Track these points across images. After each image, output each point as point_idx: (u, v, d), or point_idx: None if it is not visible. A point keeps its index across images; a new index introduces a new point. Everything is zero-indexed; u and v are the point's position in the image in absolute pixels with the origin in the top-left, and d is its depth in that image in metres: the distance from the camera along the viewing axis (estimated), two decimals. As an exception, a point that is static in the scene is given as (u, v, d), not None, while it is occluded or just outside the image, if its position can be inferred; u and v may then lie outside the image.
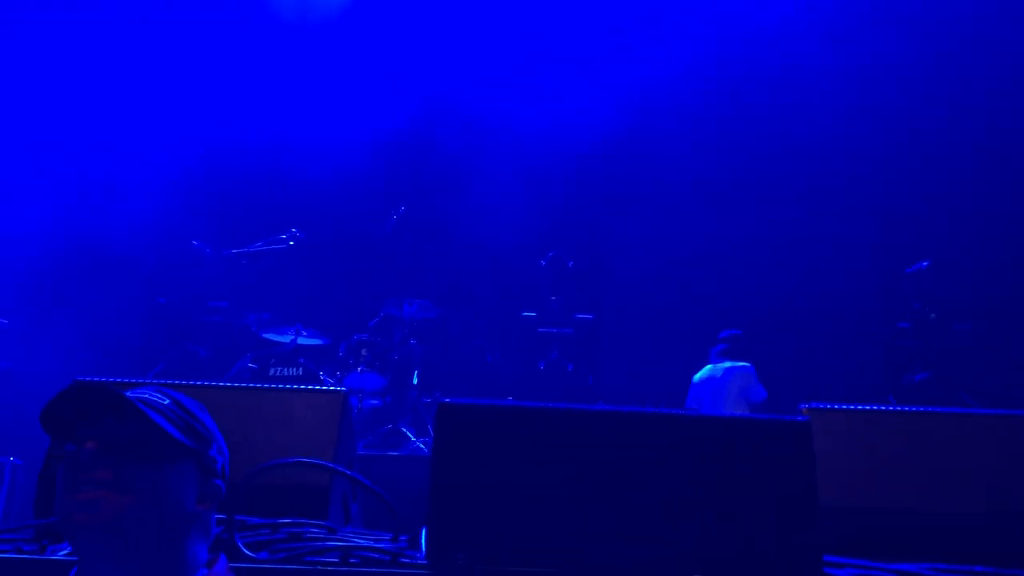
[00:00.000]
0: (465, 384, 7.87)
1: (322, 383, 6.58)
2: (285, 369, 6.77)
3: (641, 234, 8.69)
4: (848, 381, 7.26)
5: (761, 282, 8.23)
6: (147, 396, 1.74)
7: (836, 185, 8.24)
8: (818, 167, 8.27)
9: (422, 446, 6.46)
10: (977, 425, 2.82)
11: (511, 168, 8.58)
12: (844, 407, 2.78)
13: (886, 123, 8.04)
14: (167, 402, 1.76)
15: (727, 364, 6.66)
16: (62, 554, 2.27)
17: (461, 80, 8.51)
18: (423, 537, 2.24)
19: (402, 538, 2.38)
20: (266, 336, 7.13)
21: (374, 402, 6.97)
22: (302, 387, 2.89)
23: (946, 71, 7.75)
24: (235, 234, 7.63)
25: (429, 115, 8.60)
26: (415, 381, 7.12)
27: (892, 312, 7.53)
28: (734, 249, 8.42)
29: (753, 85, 8.21)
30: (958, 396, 6.43)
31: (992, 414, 2.85)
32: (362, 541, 2.28)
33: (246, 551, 2.18)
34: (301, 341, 6.98)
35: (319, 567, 2.13)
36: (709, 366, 6.81)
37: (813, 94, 8.05)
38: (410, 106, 8.55)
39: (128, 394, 1.72)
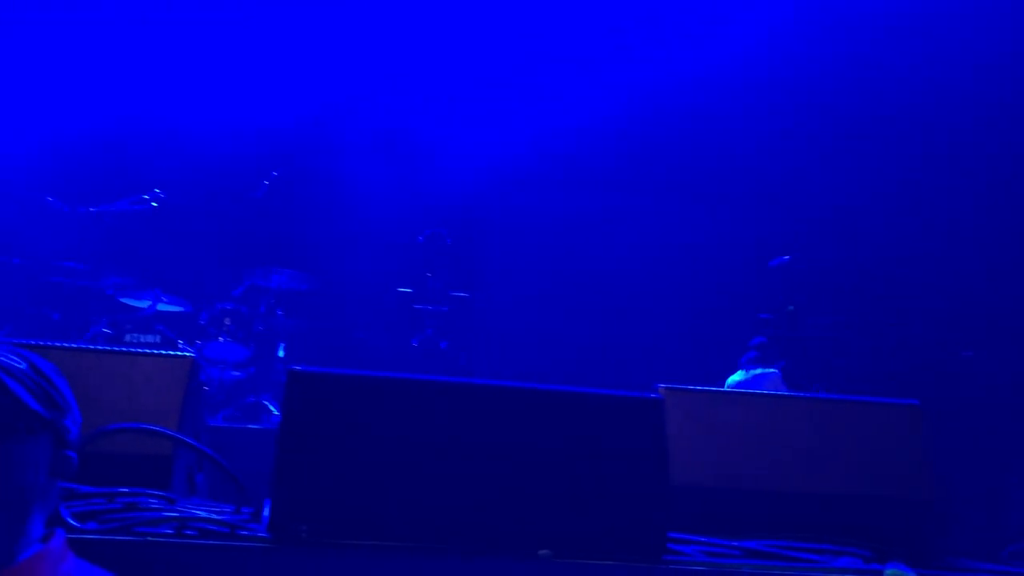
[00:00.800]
0: (334, 359, 7.71)
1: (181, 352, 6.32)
2: (142, 336, 6.48)
3: (521, 214, 8.71)
4: (710, 367, 7.48)
5: (635, 268, 8.39)
6: (2, 360, 1.60)
7: (710, 178, 8.47)
8: (694, 160, 8.47)
9: (285, 420, 6.28)
10: (822, 410, 2.93)
11: (391, 141, 8.44)
12: (698, 388, 2.84)
13: (758, 120, 8.29)
14: (24, 366, 1.62)
15: (758, 371, 6.70)
16: None
17: (340, 51, 8.30)
18: (267, 509, 2.15)
19: (245, 510, 2.29)
20: (123, 301, 6.80)
21: (236, 374, 6.74)
22: (147, 351, 2.74)
23: (820, 70, 8.04)
24: (94, 192, 7.22)
25: (309, 83, 8.35)
26: (281, 354, 6.94)
27: (757, 303, 7.80)
28: (611, 235, 8.54)
29: (631, 72, 8.32)
30: (811, 385, 6.72)
31: (837, 399, 2.97)
32: (202, 512, 2.17)
33: (71, 521, 2.05)
34: (160, 307, 6.69)
35: (151, 538, 2.01)
36: (741, 372, 6.82)
37: (694, 89, 8.23)
38: (290, 74, 8.28)
39: None
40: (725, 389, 2.98)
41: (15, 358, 1.64)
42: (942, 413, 6.79)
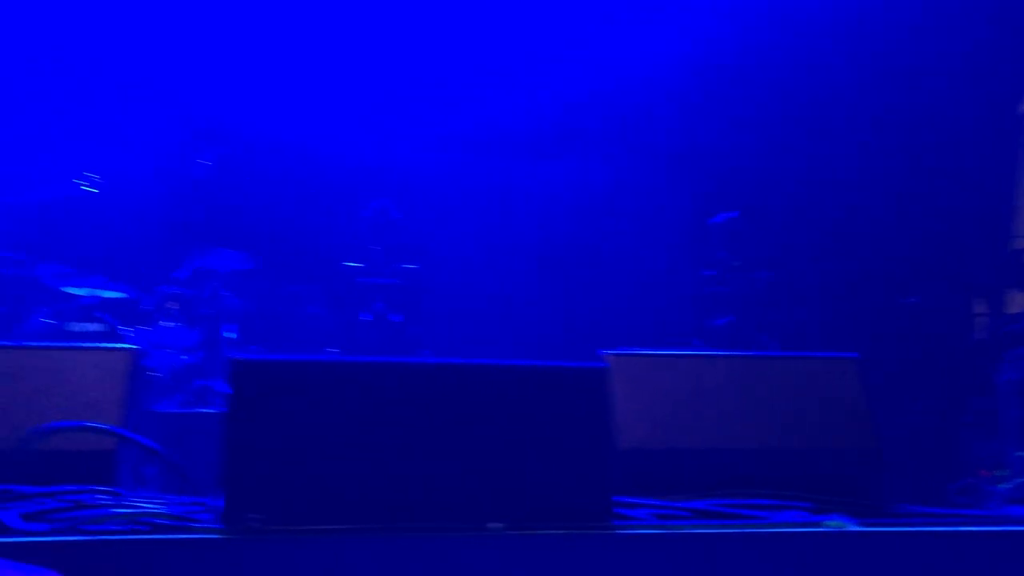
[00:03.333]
0: (284, 337, 7.66)
1: (124, 339, 6.23)
2: (84, 324, 6.36)
3: (467, 182, 8.66)
4: (656, 327, 7.58)
5: (582, 233, 8.41)
6: None
7: (649, 136, 8.49)
8: (634, 122, 8.48)
9: (237, 402, 6.23)
10: (763, 367, 2.99)
11: (331, 112, 8.32)
12: (643, 352, 2.88)
13: (695, 73, 8.31)
14: None
15: None
16: None
17: (277, 23, 8.15)
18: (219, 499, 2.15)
19: (197, 501, 2.28)
20: (64, 289, 6.66)
21: (184, 358, 6.66)
22: (87, 345, 2.70)
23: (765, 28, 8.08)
24: (25, 177, 7.05)
25: (246, 58, 8.18)
26: (229, 336, 6.87)
27: (699, 261, 7.89)
28: (554, 201, 8.54)
29: (572, 42, 8.31)
30: (758, 339, 6.84)
31: (777, 356, 3.04)
32: (151, 506, 2.16)
33: (14, 523, 2.02)
34: (102, 294, 6.57)
35: (100, 536, 1.99)
36: None
37: (633, 53, 8.24)
38: (227, 48, 8.12)
39: None
40: (668, 352, 3.03)
41: None
42: (887, 360, 6.98)
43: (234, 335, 6.89)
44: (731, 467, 2.82)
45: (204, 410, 6.13)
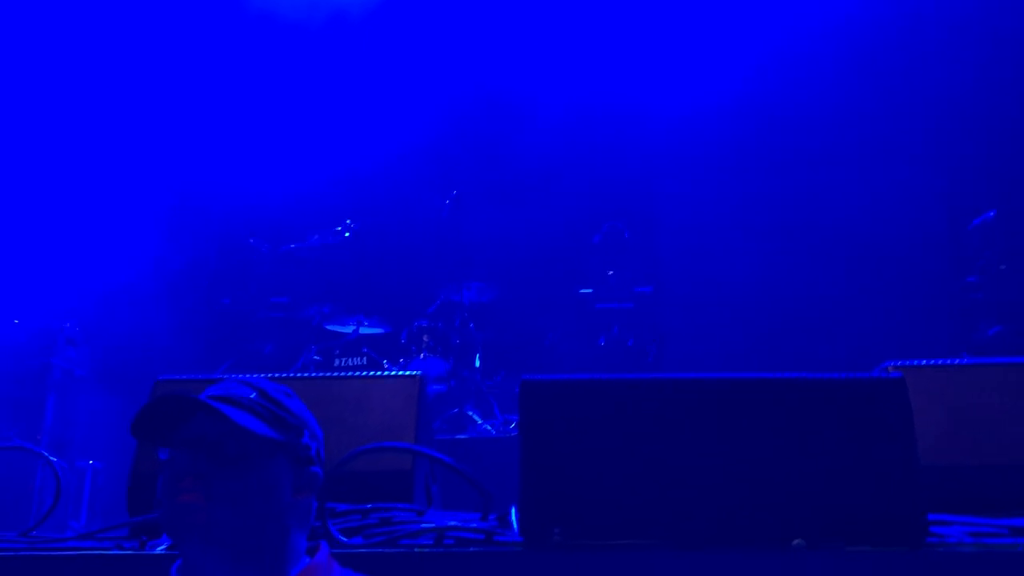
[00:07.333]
0: (527, 364, 7.85)
1: (386, 371, 6.63)
2: (349, 359, 6.85)
3: (696, 200, 8.54)
4: (919, 339, 7.09)
5: (822, 245, 8.04)
6: (232, 392, 1.72)
7: (894, 145, 8.02)
8: (871, 124, 8.06)
9: (489, 428, 6.48)
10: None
11: (560, 144, 8.50)
12: (932, 363, 2.71)
13: (942, 74, 7.79)
14: (253, 395, 1.72)
15: None
16: (161, 549, 2.31)
17: (505, 59, 8.47)
18: (513, 515, 2.23)
19: (491, 517, 2.38)
20: (329, 328, 7.21)
21: (438, 387, 6.99)
22: (380, 373, 2.90)
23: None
24: (291, 229, 7.72)
25: (474, 96, 8.56)
26: (477, 364, 7.14)
27: (959, 267, 7.33)
28: (794, 213, 8.23)
29: (791, 46, 8.04)
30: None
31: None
32: (453, 522, 2.28)
33: (340, 537, 2.20)
34: (363, 331, 7.04)
35: (415, 549, 2.13)
36: None
37: (869, 46, 7.86)
38: (455, 90, 8.53)
39: (212, 391, 1.72)
40: (960, 361, 2.84)
41: (245, 389, 1.74)
42: None
43: (479, 364, 7.15)
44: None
45: (459, 436, 6.41)
